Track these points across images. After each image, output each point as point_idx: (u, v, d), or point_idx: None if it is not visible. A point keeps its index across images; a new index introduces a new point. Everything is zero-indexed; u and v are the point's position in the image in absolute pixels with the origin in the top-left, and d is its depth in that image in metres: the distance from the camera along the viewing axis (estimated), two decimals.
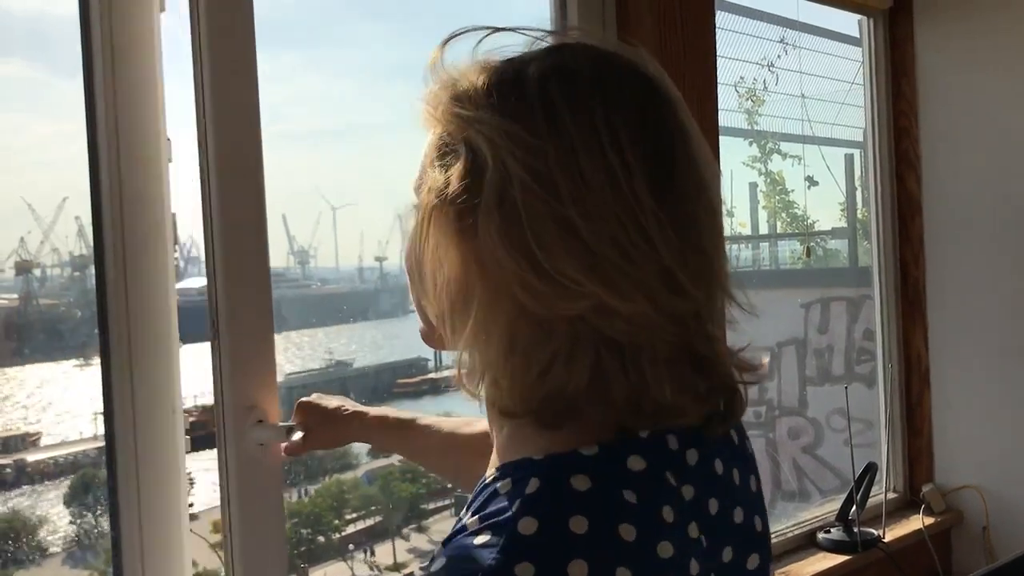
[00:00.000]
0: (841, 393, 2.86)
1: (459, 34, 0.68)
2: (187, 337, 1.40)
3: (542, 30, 0.69)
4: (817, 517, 2.72)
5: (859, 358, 3.22)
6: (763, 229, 3.30)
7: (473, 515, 0.60)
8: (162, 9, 1.36)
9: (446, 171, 0.63)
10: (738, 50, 2.82)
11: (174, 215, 1.38)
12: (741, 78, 2.92)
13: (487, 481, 0.63)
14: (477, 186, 0.61)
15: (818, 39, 3.11)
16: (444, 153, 0.64)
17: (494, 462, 0.67)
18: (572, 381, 0.61)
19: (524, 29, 0.68)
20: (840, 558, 2.49)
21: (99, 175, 1.31)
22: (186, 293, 1.50)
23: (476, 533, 0.58)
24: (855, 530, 2.54)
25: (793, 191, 3.23)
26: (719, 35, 2.24)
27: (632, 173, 0.60)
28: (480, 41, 0.67)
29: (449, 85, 0.66)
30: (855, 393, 2.98)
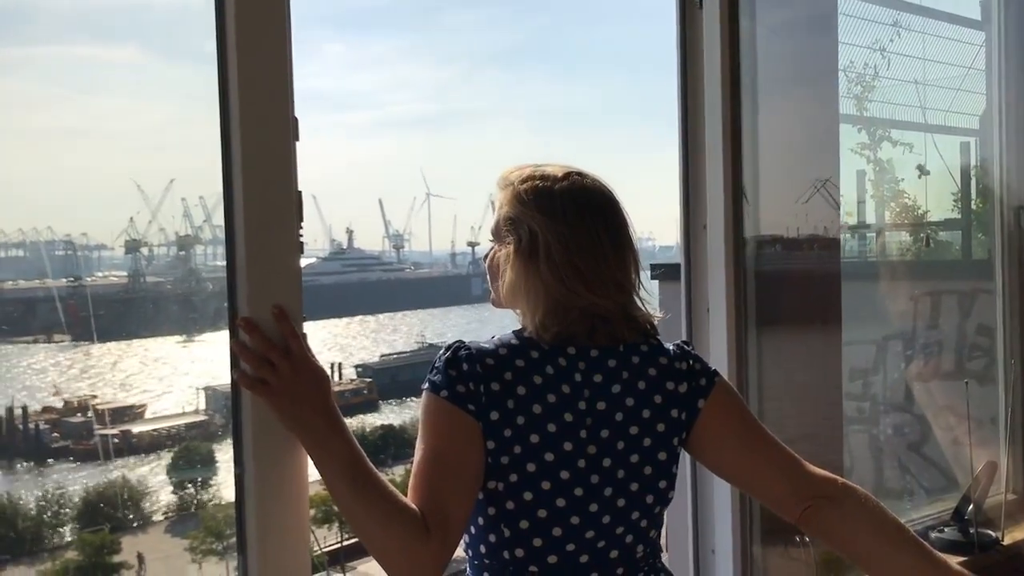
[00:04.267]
0: (949, 390, 2.75)
1: (514, 170, 1.34)
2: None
3: (561, 166, 1.34)
4: (928, 515, 2.63)
5: (971, 354, 3.09)
6: (870, 219, 3.18)
7: None
8: None
9: (518, 234, 1.29)
10: (848, 34, 2.72)
11: (299, 193, 1.39)
12: (851, 62, 2.81)
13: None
14: (535, 244, 1.27)
15: (934, 22, 2.97)
16: (514, 225, 1.30)
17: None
18: (552, 317, 1.28)
19: (547, 165, 1.35)
20: (955, 559, 2.39)
21: (230, 154, 1.33)
22: None
23: None
24: (972, 531, 2.45)
25: (903, 180, 3.10)
26: None
27: (600, 236, 1.29)
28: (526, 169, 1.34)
29: (513, 190, 1.31)
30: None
